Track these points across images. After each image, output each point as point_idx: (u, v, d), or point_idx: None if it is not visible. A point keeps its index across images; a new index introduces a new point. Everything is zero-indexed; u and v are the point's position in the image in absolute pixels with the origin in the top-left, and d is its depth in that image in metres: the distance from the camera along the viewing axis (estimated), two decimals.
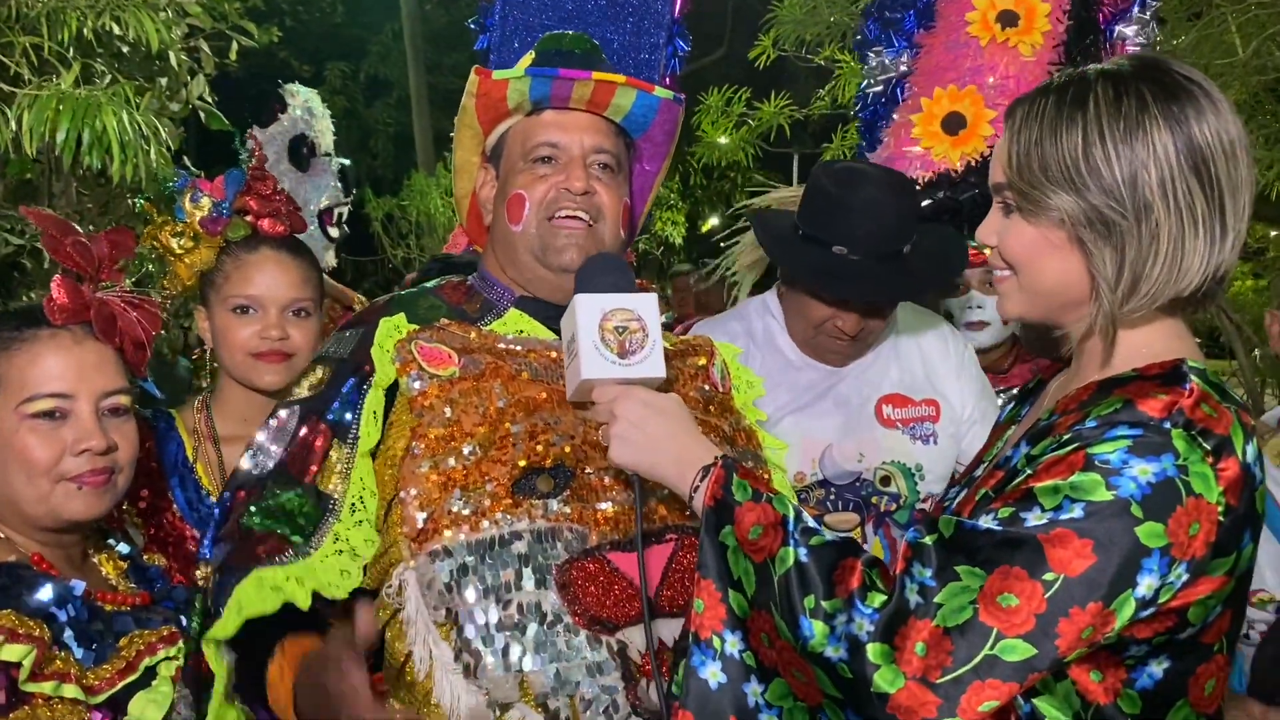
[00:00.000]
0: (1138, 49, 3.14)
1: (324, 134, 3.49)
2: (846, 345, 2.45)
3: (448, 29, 17.70)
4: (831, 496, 2.49)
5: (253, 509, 1.64)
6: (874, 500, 2.50)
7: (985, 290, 3.02)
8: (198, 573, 1.70)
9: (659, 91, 1.81)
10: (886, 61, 3.29)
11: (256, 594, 1.55)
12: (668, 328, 2.64)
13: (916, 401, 2.56)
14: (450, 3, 17.85)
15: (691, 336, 2.01)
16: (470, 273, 1.96)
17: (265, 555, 1.60)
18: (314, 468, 1.66)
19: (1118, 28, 3.14)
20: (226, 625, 1.54)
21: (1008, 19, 3.06)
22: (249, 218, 2.24)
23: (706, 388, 1.89)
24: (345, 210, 3.38)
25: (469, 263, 2.93)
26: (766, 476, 1.87)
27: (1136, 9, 3.12)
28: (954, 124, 3.07)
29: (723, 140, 7.47)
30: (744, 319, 2.67)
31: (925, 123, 3.09)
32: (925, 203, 2.92)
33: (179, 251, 2.23)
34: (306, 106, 3.42)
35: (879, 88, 3.31)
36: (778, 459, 2.00)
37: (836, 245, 2.29)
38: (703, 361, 1.92)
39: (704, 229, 15.03)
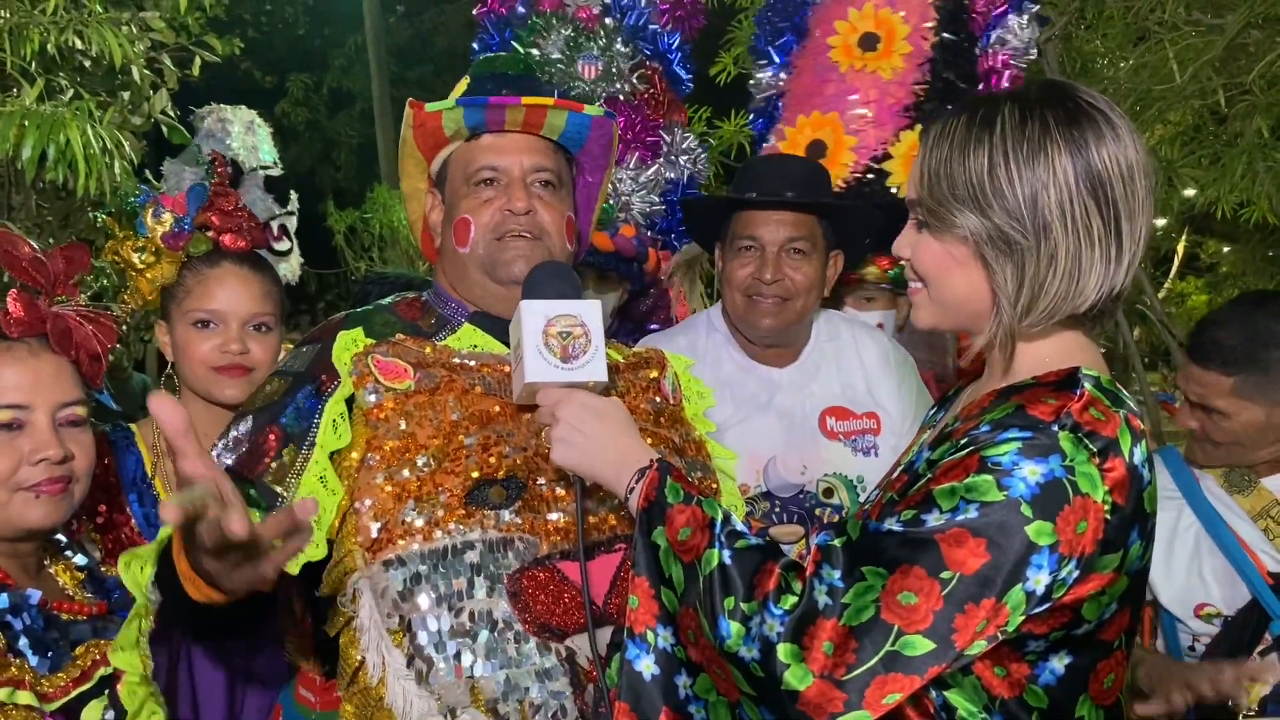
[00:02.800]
0: (1017, 51, 3.14)
1: (249, 149, 3.48)
2: (773, 304, 2.52)
3: (411, 42, 17.67)
4: (776, 509, 2.54)
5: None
6: (817, 512, 2.55)
7: (861, 306, 3.09)
8: None
9: (589, 110, 1.86)
10: (766, 79, 3.35)
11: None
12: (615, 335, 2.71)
13: (858, 414, 2.63)
14: (414, 16, 17.84)
15: (643, 349, 2.05)
16: (405, 289, 2.00)
17: None
18: (262, 464, 1.67)
19: (994, 33, 3.15)
20: (153, 546, 1.48)
21: (868, 43, 3.07)
22: (211, 233, 2.26)
23: (658, 400, 1.93)
24: (288, 221, 3.39)
25: (409, 281, 2.97)
26: (715, 486, 1.92)
27: (1013, 14, 3.12)
28: (815, 152, 3.07)
29: None
30: (690, 333, 2.73)
31: (789, 150, 3.10)
32: None
33: (140, 266, 2.24)
34: (222, 126, 3.42)
35: (761, 104, 3.37)
36: (728, 469, 2.05)
37: (750, 193, 2.53)
38: (654, 374, 1.96)
39: None
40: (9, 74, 3.54)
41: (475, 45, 3.43)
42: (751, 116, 3.49)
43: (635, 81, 3.35)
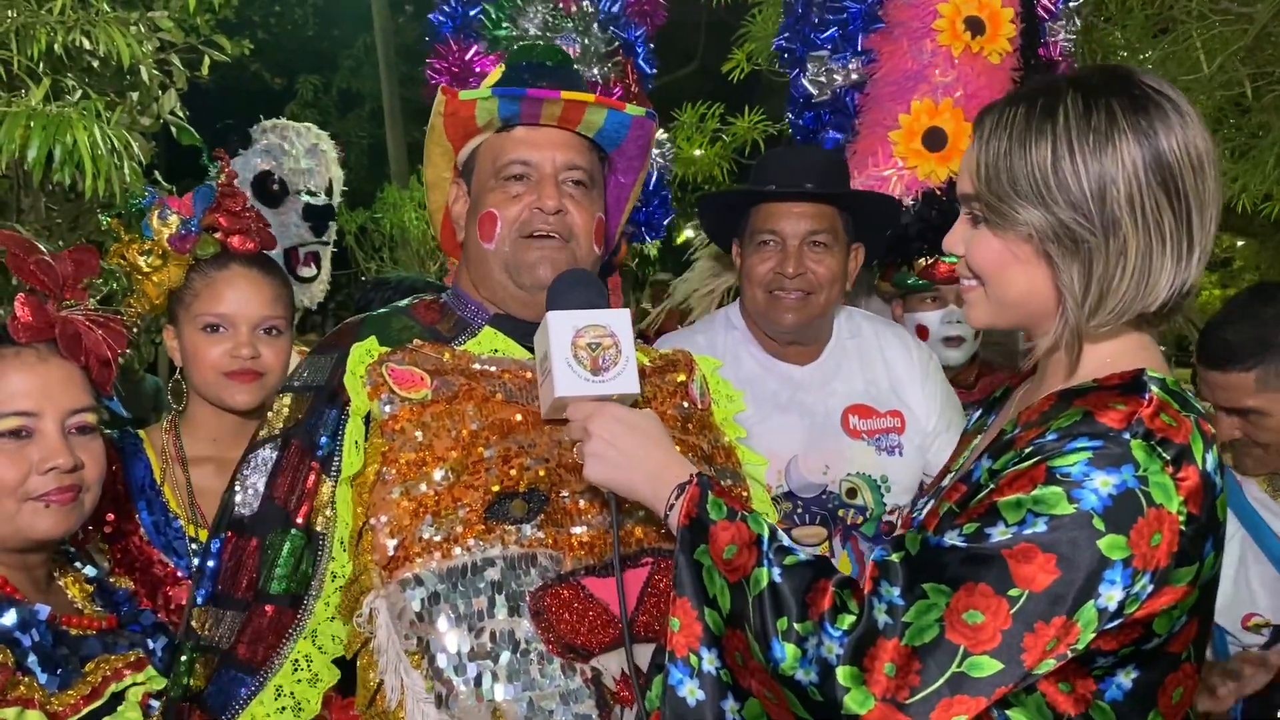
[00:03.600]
0: (1068, 44, 3.16)
1: (299, 172, 3.43)
2: (797, 299, 2.47)
3: (420, 42, 17.64)
4: (799, 510, 2.49)
5: (268, 574, 1.61)
6: (840, 513, 2.50)
7: (926, 307, 3.03)
8: (192, 616, 1.66)
9: (630, 109, 1.79)
10: (833, 68, 3.25)
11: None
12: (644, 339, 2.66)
13: (881, 413, 2.58)
14: (423, 16, 17.80)
15: (670, 351, 1.98)
16: (408, 294, 1.95)
17: (276, 639, 1.59)
18: (306, 507, 1.63)
19: (1048, 24, 3.17)
20: None
21: (975, 26, 3.02)
22: (218, 235, 2.22)
23: (685, 405, 1.87)
24: (319, 250, 3.34)
25: (411, 285, 2.92)
26: (745, 494, 1.86)
27: (1062, 4, 3.13)
28: (936, 140, 3.01)
29: (697, 153, 7.48)
30: (708, 333, 2.69)
31: (906, 140, 3.03)
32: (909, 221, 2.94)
33: (147, 270, 2.20)
34: (279, 144, 3.39)
35: (825, 96, 3.27)
36: (758, 474, 1.98)
37: (769, 185, 2.49)
38: (681, 378, 1.89)
39: (679, 241, 15.05)
40: (16, 75, 3.50)
41: (434, 18, 3.36)
42: (793, 111, 3.40)
43: (610, 68, 3.31)
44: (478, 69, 3.20)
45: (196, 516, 2.14)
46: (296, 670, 1.60)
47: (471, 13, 3.28)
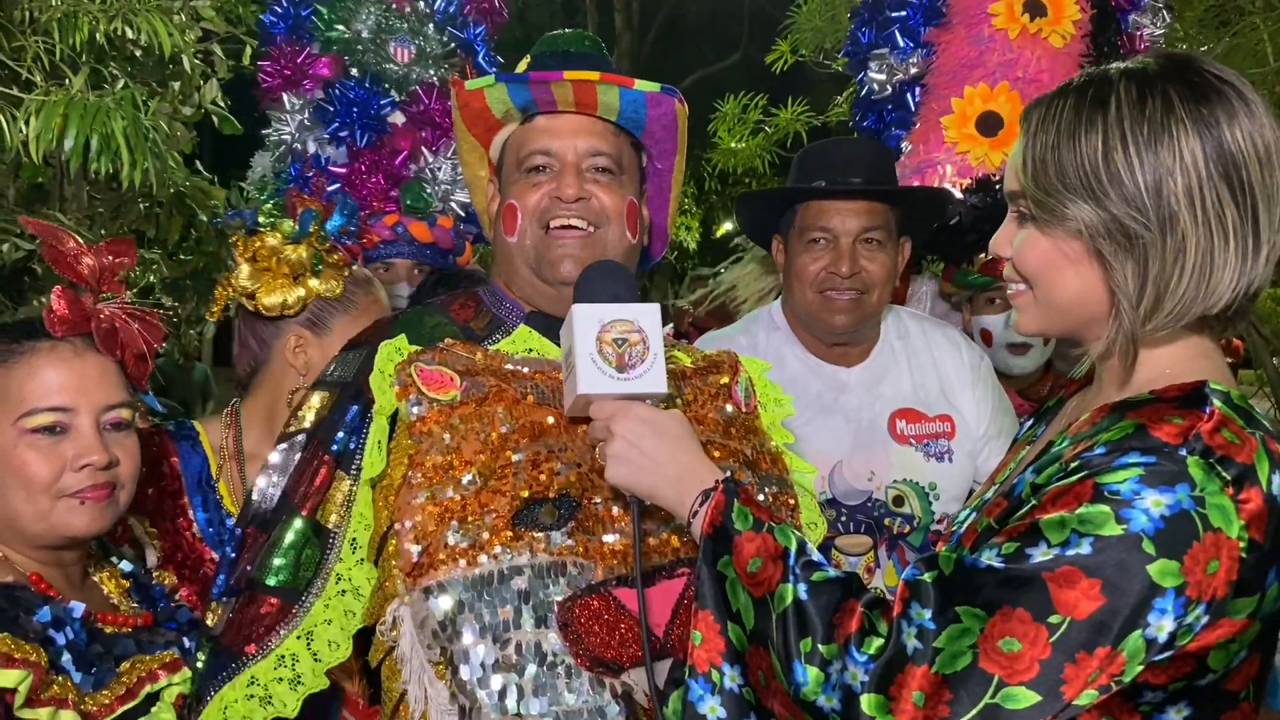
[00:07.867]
0: (1155, 40, 3.11)
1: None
2: (850, 299, 2.40)
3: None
4: (843, 517, 2.42)
5: (264, 564, 1.59)
6: (886, 522, 2.43)
7: (983, 310, 2.95)
8: (210, 612, 1.65)
9: (639, 85, 1.70)
10: (894, 64, 3.23)
11: (244, 707, 1.53)
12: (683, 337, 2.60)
13: (930, 417, 2.50)
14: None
15: (715, 352, 1.91)
16: (467, 283, 1.90)
17: (265, 631, 1.56)
18: (314, 501, 1.59)
19: (1131, 16, 3.12)
20: None
21: (1035, 9, 2.99)
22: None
23: (729, 408, 1.79)
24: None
25: (470, 274, 2.88)
26: (792, 502, 1.79)
27: None
28: (990, 124, 2.98)
29: (736, 146, 7.42)
30: (749, 333, 2.62)
31: (958, 125, 3.00)
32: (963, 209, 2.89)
33: (320, 269, 2.08)
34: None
35: (886, 92, 3.25)
36: (806, 483, 1.91)
37: (817, 181, 2.42)
38: (725, 379, 1.82)
39: (718, 234, 15.03)
40: (58, 64, 3.51)
41: (265, 19, 3.35)
42: (858, 115, 3.41)
43: (448, 69, 3.31)
44: (311, 71, 3.21)
45: None
46: (279, 666, 1.55)
47: (304, 13, 3.27)
